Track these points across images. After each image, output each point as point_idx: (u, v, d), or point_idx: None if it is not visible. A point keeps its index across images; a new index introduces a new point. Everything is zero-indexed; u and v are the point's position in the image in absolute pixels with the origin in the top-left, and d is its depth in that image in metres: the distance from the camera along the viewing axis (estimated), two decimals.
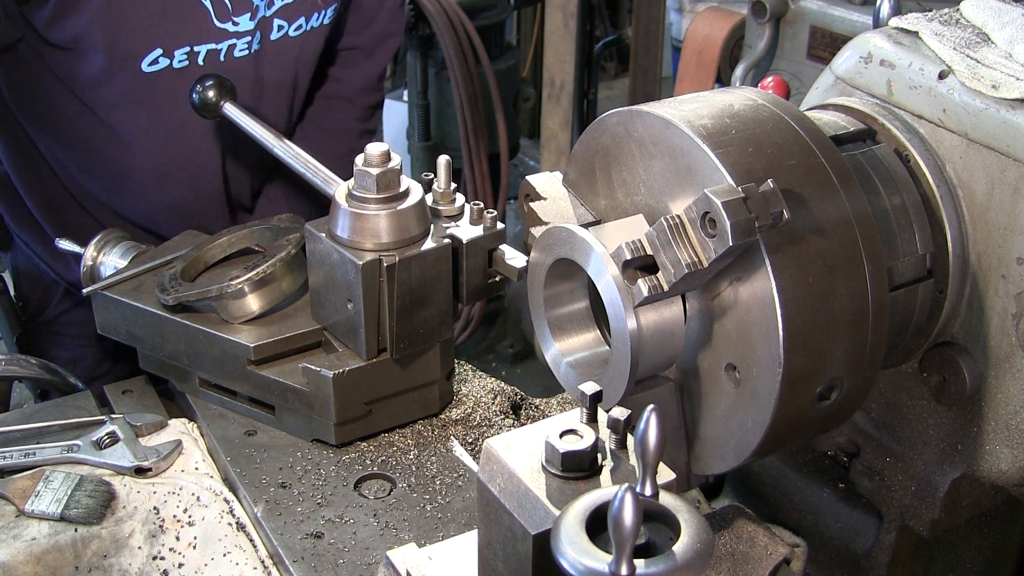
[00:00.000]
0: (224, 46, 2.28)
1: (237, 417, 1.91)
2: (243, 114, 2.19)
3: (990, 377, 1.52)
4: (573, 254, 1.37)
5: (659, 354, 1.36)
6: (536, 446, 1.21)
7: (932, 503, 1.65)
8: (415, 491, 1.75)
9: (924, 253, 1.52)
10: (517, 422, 1.96)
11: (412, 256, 1.73)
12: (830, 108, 1.64)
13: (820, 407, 1.34)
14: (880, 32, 1.63)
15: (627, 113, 1.41)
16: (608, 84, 7.43)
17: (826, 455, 1.81)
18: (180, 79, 2.25)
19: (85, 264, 2.03)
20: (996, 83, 1.44)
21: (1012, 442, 1.52)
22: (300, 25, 2.40)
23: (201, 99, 2.18)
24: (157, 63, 2.22)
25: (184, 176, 2.43)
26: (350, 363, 1.79)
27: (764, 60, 3.53)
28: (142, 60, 2.20)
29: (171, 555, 1.67)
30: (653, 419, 1.05)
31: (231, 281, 1.82)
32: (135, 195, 2.43)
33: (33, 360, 2.14)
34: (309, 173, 2.07)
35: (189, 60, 2.25)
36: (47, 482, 1.70)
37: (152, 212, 2.46)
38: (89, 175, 2.42)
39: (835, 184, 1.33)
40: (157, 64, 2.22)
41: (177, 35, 2.21)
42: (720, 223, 1.19)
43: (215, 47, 2.26)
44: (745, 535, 1.52)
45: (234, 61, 2.31)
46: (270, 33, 2.35)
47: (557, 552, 1.03)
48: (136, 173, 2.39)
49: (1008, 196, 1.44)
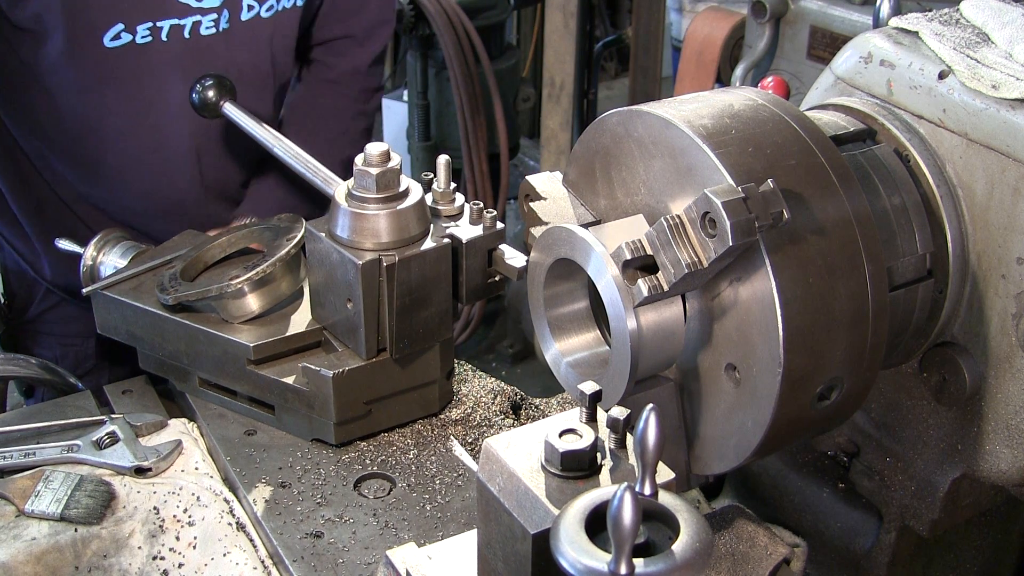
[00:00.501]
0: (188, 22, 2.28)
1: (237, 417, 1.91)
2: (243, 114, 2.19)
3: (990, 377, 1.52)
4: (573, 254, 1.37)
5: (659, 354, 1.36)
6: (535, 446, 1.21)
7: (932, 503, 1.65)
8: (415, 491, 1.75)
9: (924, 253, 1.52)
10: (517, 422, 1.96)
11: (412, 256, 1.73)
12: (830, 108, 1.64)
13: (820, 407, 1.34)
14: (880, 32, 1.62)
15: (627, 113, 1.41)
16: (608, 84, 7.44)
17: (826, 455, 1.81)
18: (144, 56, 2.26)
19: (85, 264, 2.04)
20: (996, 83, 1.44)
21: (1012, 442, 1.52)
22: (271, 5, 2.40)
23: (201, 99, 2.19)
24: (119, 38, 2.23)
25: (157, 160, 2.43)
26: (350, 363, 1.79)
27: (764, 60, 3.53)
28: (104, 35, 2.22)
29: (171, 555, 1.67)
30: (652, 419, 1.05)
31: (231, 281, 1.82)
32: (111, 183, 2.44)
33: (33, 360, 2.14)
34: (308, 173, 2.08)
35: (152, 36, 2.26)
36: (47, 482, 1.70)
37: (129, 201, 2.46)
38: (66, 166, 2.43)
39: (835, 184, 1.33)
40: (119, 39, 2.23)
41: (138, 9, 2.22)
42: (720, 223, 1.19)
43: (178, 22, 2.27)
44: (745, 535, 1.52)
45: (201, 39, 2.32)
46: (239, 13, 2.36)
47: (556, 551, 1.03)
48: (108, 159, 2.40)
49: (1008, 196, 1.44)
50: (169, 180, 2.47)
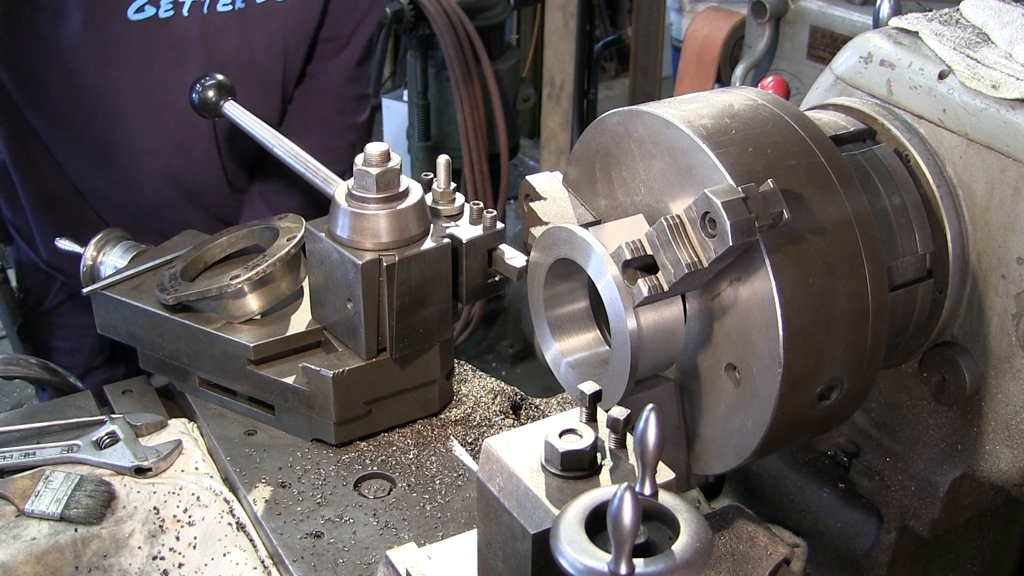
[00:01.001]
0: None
1: (237, 417, 1.91)
2: (243, 112, 2.20)
3: (990, 377, 1.52)
4: (573, 254, 1.37)
5: (659, 354, 1.36)
6: (536, 446, 1.21)
7: (932, 503, 1.65)
8: (415, 491, 1.75)
9: (924, 253, 1.52)
10: (517, 422, 1.96)
11: (412, 256, 1.73)
12: (830, 108, 1.64)
13: (820, 407, 1.34)
14: (880, 32, 1.63)
15: (627, 113, 1.41)
16: (608, 84, 7.44)
17: (826, 455, 1.81)
18: (164, 31, 2.29)
19: (85, 264, 2.03)
20: (996, 83, 1.44)
21: (1012, 442, 1.52)
22: None
23: (201, 98, 2.20)
24: (143, 11, 2.26)
25: (173, 141, 2.43)
26: (350, 363, 1.79)
27: (764, 60, 3.53)
28: (129, 7, 2.25)
29: (171, 555, 1.67)
30: (652, 418, 1.05)
31: (231, 281, 1.82)
32: (126, 167, 2.44)
33: (33, 360, 2.14)
34: (308, 172, 2.08)
35: (174, 9, 2.29)
36: (47, 482, 1.70)
37: (146, 183, 2.46)
38: (80, 151, 2.43)
39: (835, 184, 1.33)
40: (143, 12, 2.26)
41: None
42: (720, 223, 1.19)
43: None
44: (745, 535, 1.52)
45: (216, 15, 2.35)
46: None
47: (556, 551, 1.03)
48: (124, 141, 2.40)
49: (1008, 196, 1.44)
50: (186, 162, 2.46)
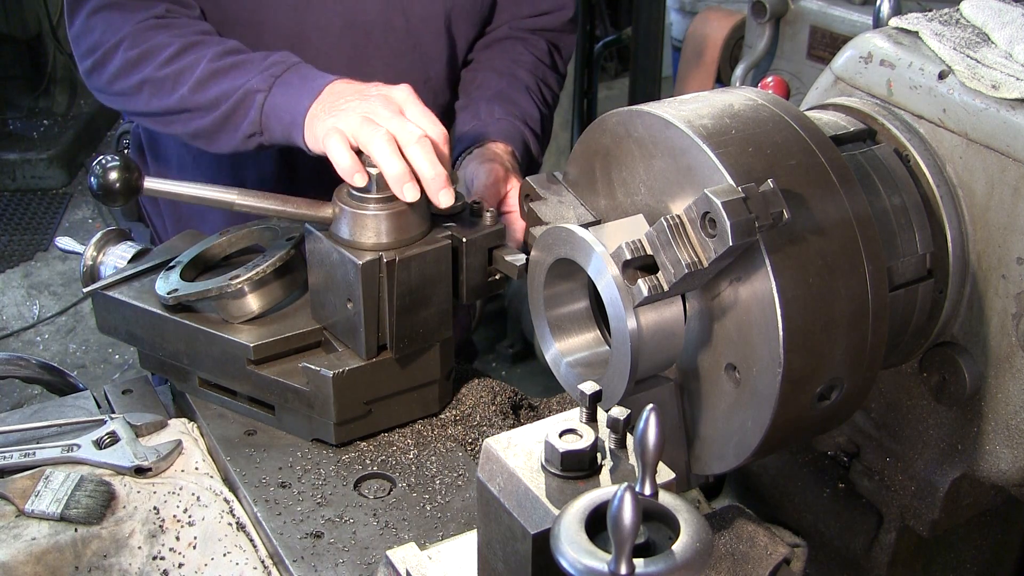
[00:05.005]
0: None
1: (237, 417, 1.91)
2: (165, 183, 1.79)
3: (990, 377, 1.52)
4: (573, 254, 1.37)
5: (659, 354, 1.36)
6: (536, 446, 1.21)
7: (932, 503, 1.65)
8: (415, 491, 1.75)
9: (924, 253, 1.52)
10: (517, 422, 1.96)
11: (412, 255, 1.73)
12: (830, 108, 1.64)
13: (820, 407, 1.34)
14: (880, 32, 1.63)
15: (627, 113, 1.41)
16: (608, 84, 7.42)
17: (826, 455, 1.81)
18: None
19: (85, 264, 2.03)
20: (996, 83, 1.44)
21: (1012, 442, 1.52)
22: None
23: (101, 183, 1.69)
24: None
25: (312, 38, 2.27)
26: (350, 363, 1.79)
27: (764, 60, 3.53)
28: None
29: (171, 555, 1.67)
30: (652, 418, 1.05)
31: (231, 281, 1.82)
32: None
33: (33, 360, 2.14)
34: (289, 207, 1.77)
35: None
36: (47, 482, 1.70)
37: None
38: None
39: (835, 184, 1.33)
40: None
41: None
42: (720, 223, 1.20)
43: None
44: (745, 535, 1.52)
45: None
46: None
47: (556, 551, 1.03)
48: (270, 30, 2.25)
49: (1008, 196, 1.44)
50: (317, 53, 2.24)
